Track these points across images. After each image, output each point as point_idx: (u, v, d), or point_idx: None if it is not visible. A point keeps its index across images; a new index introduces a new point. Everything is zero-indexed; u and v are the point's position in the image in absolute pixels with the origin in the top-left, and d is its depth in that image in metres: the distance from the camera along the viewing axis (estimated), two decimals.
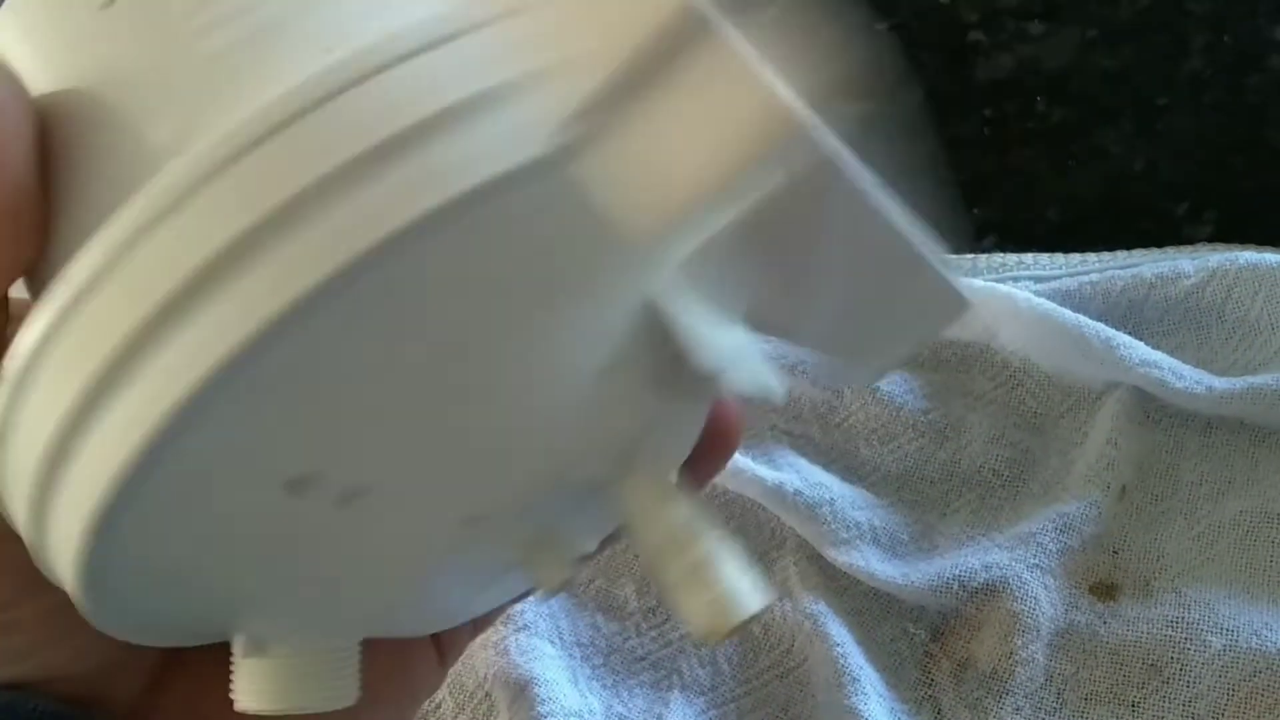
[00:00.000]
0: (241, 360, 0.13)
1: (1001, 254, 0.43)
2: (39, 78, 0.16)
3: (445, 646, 0.24)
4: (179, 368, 0.13)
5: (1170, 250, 0.41)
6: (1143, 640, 0.37)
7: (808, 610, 0.39)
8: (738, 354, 0.17)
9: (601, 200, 0.14)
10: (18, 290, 0.17)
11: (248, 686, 0.18)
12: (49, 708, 0.19)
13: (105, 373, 0.13)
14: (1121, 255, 0.42)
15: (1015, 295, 0.40)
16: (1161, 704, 0.36)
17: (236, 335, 0.13)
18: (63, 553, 0.15)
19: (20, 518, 0.15)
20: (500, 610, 0.25)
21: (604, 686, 0.39)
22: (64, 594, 0.17)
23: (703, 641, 0.19)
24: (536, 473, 0.17)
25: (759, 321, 0.18)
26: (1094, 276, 0.41)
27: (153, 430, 0.13)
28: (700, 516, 0.18)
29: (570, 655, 0.40)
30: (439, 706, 0.40)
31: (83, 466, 0.14)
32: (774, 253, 0.16)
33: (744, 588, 0.17)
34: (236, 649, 0.18)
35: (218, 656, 0.21)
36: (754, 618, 0.17)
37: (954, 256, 0.43)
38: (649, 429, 0.18)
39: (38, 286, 0.16)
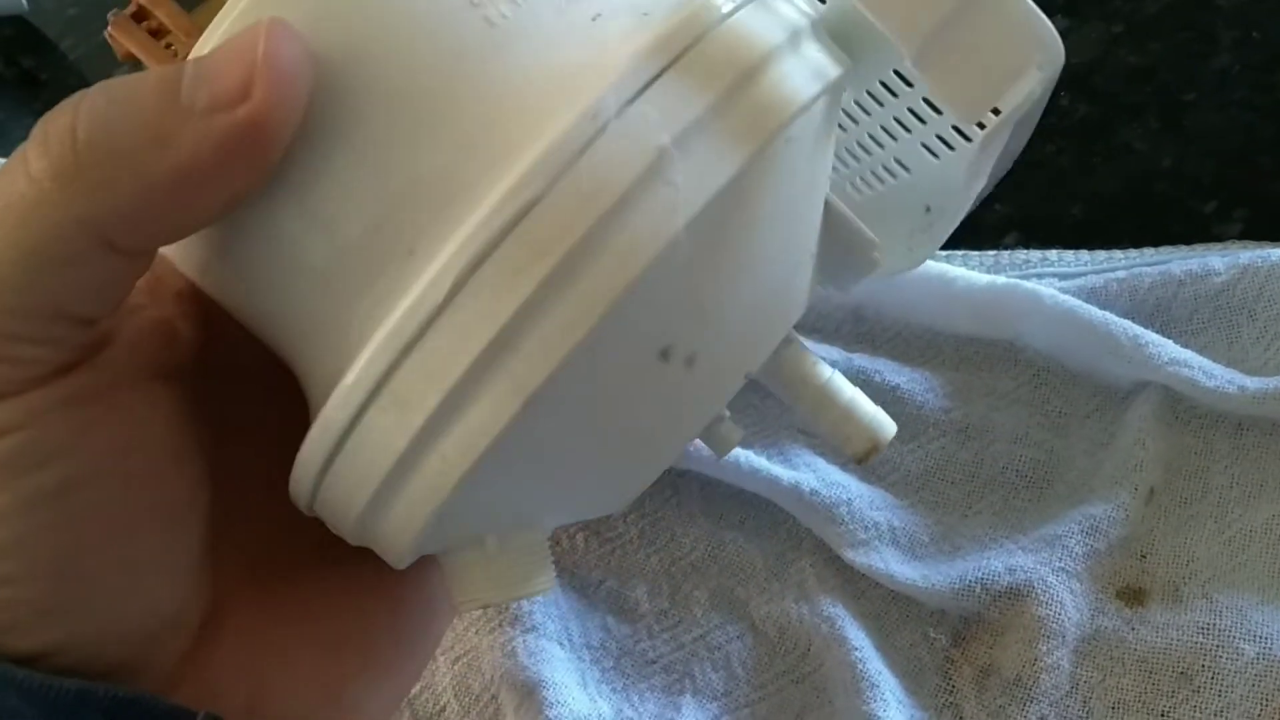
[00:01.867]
0: (664, 256, 0.17)
1: (1025, 251, 0.42)
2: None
3: (436, 616, 0.25)
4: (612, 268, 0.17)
5: (1199, 248, 0.40)
6: (1172, 647, 0.36)
7: (825, 613, 0.37)
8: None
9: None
10: None
11: (489, 580, 0.21)
12: (106, 691, 0.18)
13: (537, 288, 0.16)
14: (1149, 252, 0.41)
15: (1040, 292, 0.39)
16: (1192, 714, 0.35)
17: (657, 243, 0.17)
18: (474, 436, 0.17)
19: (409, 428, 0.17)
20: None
21: (614, 690, 0.38)
22: (114, 554, 0.19)
23: (864, 458, 0.24)
24: (778, 334, 0.22)
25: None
26: (1120, 274, 0.40)
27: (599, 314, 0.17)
28: (836, 373, 0.23)
29: (580, 658, 0.39)
30: (444, 709, 0.39)
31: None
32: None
33: (884, 416, 0.23)
34: (487, 545, 0.21)
35: (265, 611, 0.22)
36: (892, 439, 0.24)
37: (977, 252, 0.42)
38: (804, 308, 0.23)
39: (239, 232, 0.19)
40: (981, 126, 0.23)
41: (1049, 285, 0.39)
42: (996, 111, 0.22)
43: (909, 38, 0.19)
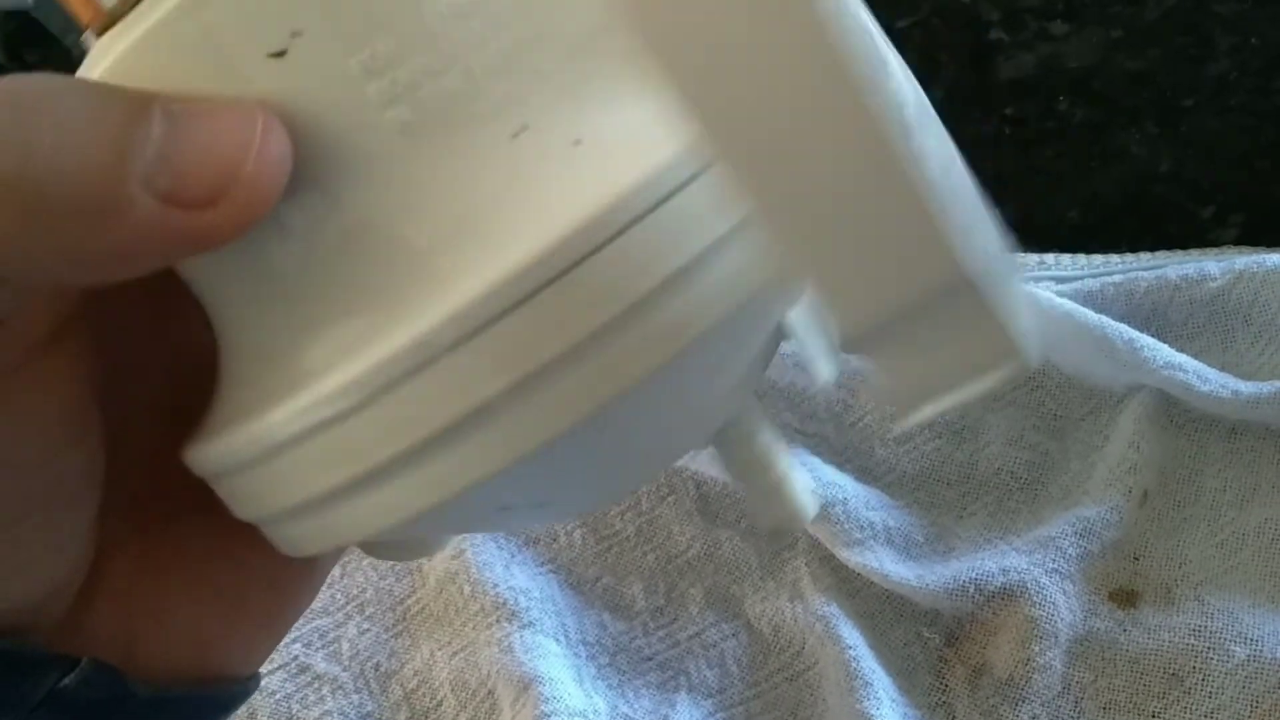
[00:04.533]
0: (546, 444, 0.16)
1: (1022, 254, 0.42)
2: None
3: (318, 568, 0.24)
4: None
5: (1195, 252, 0.41)
6: (1164, 649, 0.36)
7: (819, 612, 0.38)
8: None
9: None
10: None
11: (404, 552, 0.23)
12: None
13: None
14: (1145, 257, 0.41)
15: (1036, 295, 0.39)
16: (1182, 715, 0.35)
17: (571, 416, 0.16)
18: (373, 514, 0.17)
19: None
20: None
21: (609, 686, 0.39)
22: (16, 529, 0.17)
23: (780, 537, 0.25)
24: (709, 431, 0.22)
25: None
26: (1117, 278, 0.40)
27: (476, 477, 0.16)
28: (777, 441, 0.23)
29: (576, 654, 0.39)
30: (441, 704, 0.39)
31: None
32: None
33: (809, 499, 0.23)
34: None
35: (144, 562, 0.21)
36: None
37: None
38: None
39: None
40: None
41: (1046, 289, 0.40)
42: None
43: (852, 324, 0.15)
